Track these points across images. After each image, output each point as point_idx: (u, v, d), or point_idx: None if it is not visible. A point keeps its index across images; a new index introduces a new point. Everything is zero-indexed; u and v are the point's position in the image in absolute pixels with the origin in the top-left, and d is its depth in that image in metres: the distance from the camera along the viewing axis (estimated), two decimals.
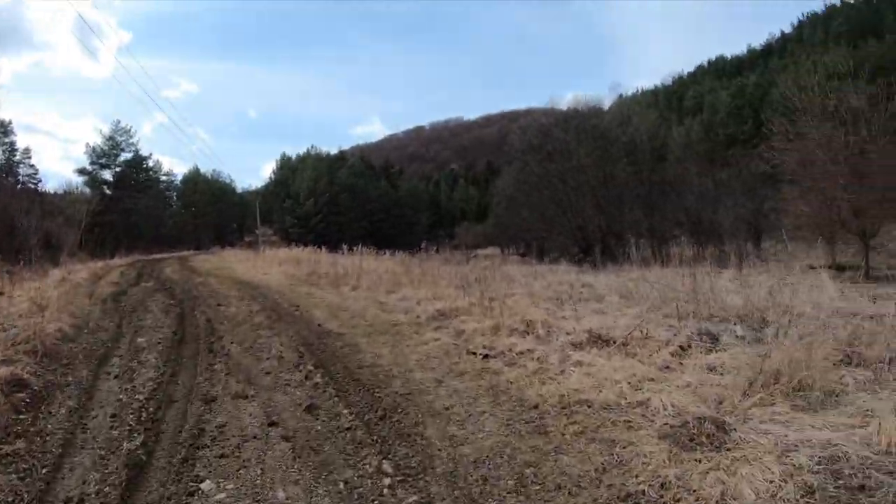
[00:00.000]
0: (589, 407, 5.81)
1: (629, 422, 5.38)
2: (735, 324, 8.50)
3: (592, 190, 41.93)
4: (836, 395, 5.58)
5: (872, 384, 5.84)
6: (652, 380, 6.32)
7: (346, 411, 6.12)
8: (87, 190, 64.85)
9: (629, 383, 6.23)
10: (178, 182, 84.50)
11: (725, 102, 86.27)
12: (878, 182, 20.79)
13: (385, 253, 27.68)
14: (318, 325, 10.98)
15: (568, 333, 8.55)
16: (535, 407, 5.98)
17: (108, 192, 67.47)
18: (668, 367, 6.81)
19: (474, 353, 8.17)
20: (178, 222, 76.93)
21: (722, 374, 6.41)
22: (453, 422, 5.76)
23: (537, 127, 49.20)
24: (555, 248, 49.39)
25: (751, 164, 41.15)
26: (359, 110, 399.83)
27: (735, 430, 4.81)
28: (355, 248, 28.06)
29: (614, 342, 7.80)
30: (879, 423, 4.54)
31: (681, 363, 6.91)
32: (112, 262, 35.85)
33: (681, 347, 7.22)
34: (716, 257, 28.27)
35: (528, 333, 8.86)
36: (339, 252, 28.18)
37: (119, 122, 70.81)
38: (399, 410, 6.11)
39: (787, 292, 10.29)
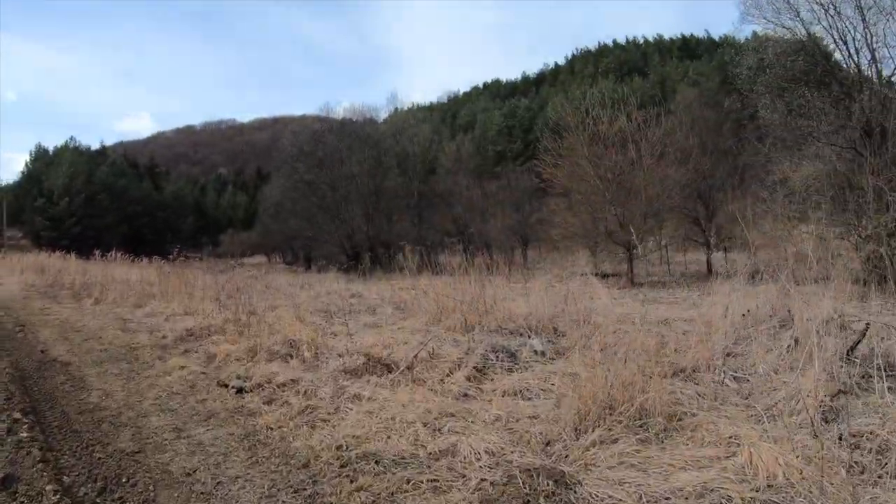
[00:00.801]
0: (377, 463, 4.49)
1: (434, 482, 4.09)
2: (529, 336, 7.55)
3: (363, 199, 42.07)
4: (679, 419, 4.84)
5: (711, 400, 5.26)
6: (452, 415, 5.23)
7: (51, 487, 4.34)
8: None
9: (425, 423, 5.07)
10: None
11: (498, 121, 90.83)
12: (642, 199, 22.71)
13: (143, 260, 25.59)
14: (42, 351, 9.39)
15: (340, 356, 7.48)
16: (306, 466, 4.64)
17: None
18: (466, 396, 5.83)
19: (226, 386, 6.94)
20: None
21: (532, 399, 5.64)
22: (196, 495, 4.25)
23: (310, 132, 48.08)
24: (323, 256, 49.17)
25: (520, 179, 42.62)
26: (127, 103, 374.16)
27: (580, 483, 3.79)
28: (110, 255, 25.29)
29: (397, 366, 6.70)
30: (750, 452, 3.92)
31: (480, 389, 6.00)
32: None
33: (476, 369, 6.21)
34: (485, 265, 28.87)
35: (291, 357, 7.79)
36: (92, 258, 25.32)
37: None
38: (125, 480, 4.55)
39: (566, 298, 9.78)
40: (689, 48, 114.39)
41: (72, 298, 16.21)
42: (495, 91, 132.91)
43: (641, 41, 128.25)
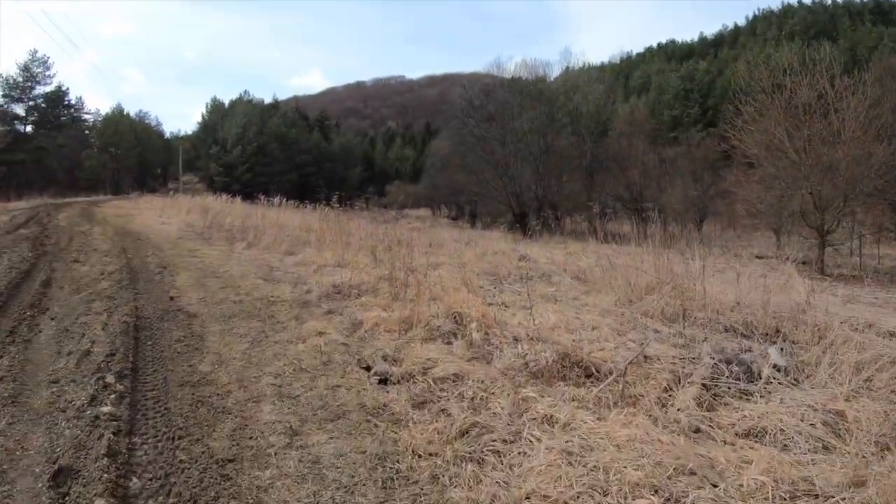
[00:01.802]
0: None
1: None
2: (754, 339, 6.02)
3: (532, 156, 40.41)
4: None
5: None
6: (692, 473, 3.29)
7: (102, 502, 3.11)
8: None
9: (655, 489, 3.14)
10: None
11: (675, 84, 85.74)
12: (842, 177, 19.86)
13: (307, 206, 25.64)
14: (171, 297, 8.17)
15: (517, 340, 5.68)
16: None
17: (19, 128, 62.91)
18: (699, 433, 3.92)
19: (368, 368, 5.31)
20: (96, 164, 71.17)
21: (791, 450, 3.67)
22: None
23: (481, 86, 46.79)
24: (488, 213, 48.20)
25: (700, 146, 39.63)
26: (299, 61, 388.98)
27: None
28: (277, 201, 25.44)
29: (599, 372, 4.92)
30: None
31: (714, 422, 4.06)
32: (11, 204, 33.06)
33: (704, 386, 4.53)
34: (661, 237, 26.89)
35: (455, 337, 6.02)
36: (258, 202, 25.57)
37: (36, 51, 64.98)
38: None
39: (762, 286, 7.55)
40: (882, 12, 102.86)
41: (224, 241, 15.47)
42: (670, 53, 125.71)
43: (829, 2, 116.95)
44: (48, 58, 64.86)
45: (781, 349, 5.39)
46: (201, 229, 18.17)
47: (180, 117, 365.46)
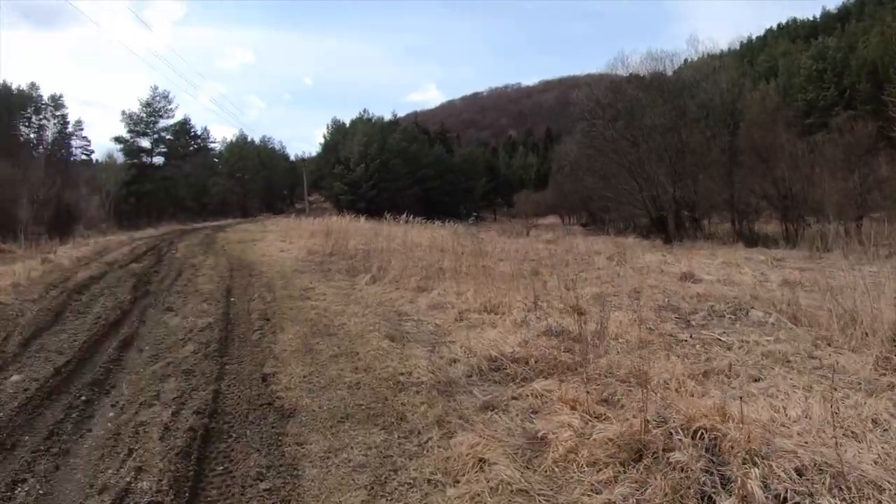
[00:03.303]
0: None
1: None
2: None
3: (667, 155, 37.79)
4: None
5: None
6: None
7: None
8: (122, 158, 64.00)
9: None
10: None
11: (806, 65, 79.30)
12: None
13: (436, 222, 24.00)
14: (264, 378, 5.92)
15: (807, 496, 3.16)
16: None
17: (145, 160, 66.93)
18: None
19: None
20: (223, 190, 73.98)
21: None
22: None
23: (607, 83, 43.98)
24: (621, 218, 46.29)
25: (853, 131, 35.17)
26: (414, 77, 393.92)
27: None
28: (402, 217, 24.12)
29: None
30: None
31: None
32: (139, 233, 33.51)
33: None
34: (818, 238, 23.97)
35: (718, 488, 3.32)
36: (384, 220, 24.52)
37: (157, 88, 68.47)
38: None
39: None
40: None
41: (346, 273, 13.46)
42: (793, 32, 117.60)
43: None
44: (169, 92, 68.52)
45: None
46: (322, 257, 16.42)
47: (304, 139, 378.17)
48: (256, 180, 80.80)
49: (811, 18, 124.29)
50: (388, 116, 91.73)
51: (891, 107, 27.42)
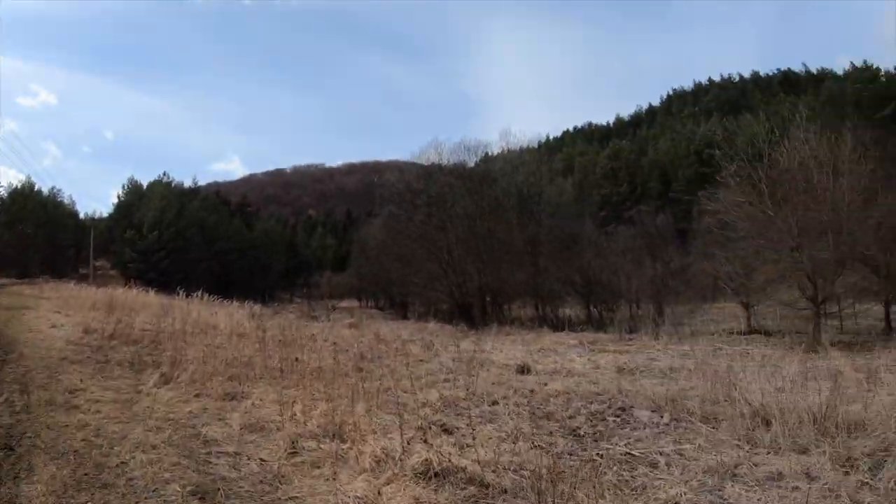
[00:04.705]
0: None
1: None
2: None
3: (475, 242, 38.47)
4: None
5: None
6: None
7: None
8: None
9: None
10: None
11: (602, 164, 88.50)
12: (830, 241, 18.94)
13: (232, 301, 23.63)
14: None
15: None
16: None
17: None
18: None
19: None
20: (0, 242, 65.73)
21: None
22: None
23: (419, 170, 44.57)
24: (422, 303, 46.70)
25: (653, 222, 37.78)
26: (219, 146, 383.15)
27: None
28: (197, 294, 22.67)
29: None
30: None
31: None
32: None
33: None
34: (625, 323, 25.27)
35: None
36: (176, 295, 22.65)
37: None
38: None
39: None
40: (790, 83, 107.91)
41: (129, 366, 10.49)
42: (589, 135, 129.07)
43: (737, 79, 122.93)
44: None
45: None
46: (101, 340, 13.21)
47: (98, 199, 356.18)
48: (39, 236, 72.24)
49: (605, 124, 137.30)
50: (188, 183, 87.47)
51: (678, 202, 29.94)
